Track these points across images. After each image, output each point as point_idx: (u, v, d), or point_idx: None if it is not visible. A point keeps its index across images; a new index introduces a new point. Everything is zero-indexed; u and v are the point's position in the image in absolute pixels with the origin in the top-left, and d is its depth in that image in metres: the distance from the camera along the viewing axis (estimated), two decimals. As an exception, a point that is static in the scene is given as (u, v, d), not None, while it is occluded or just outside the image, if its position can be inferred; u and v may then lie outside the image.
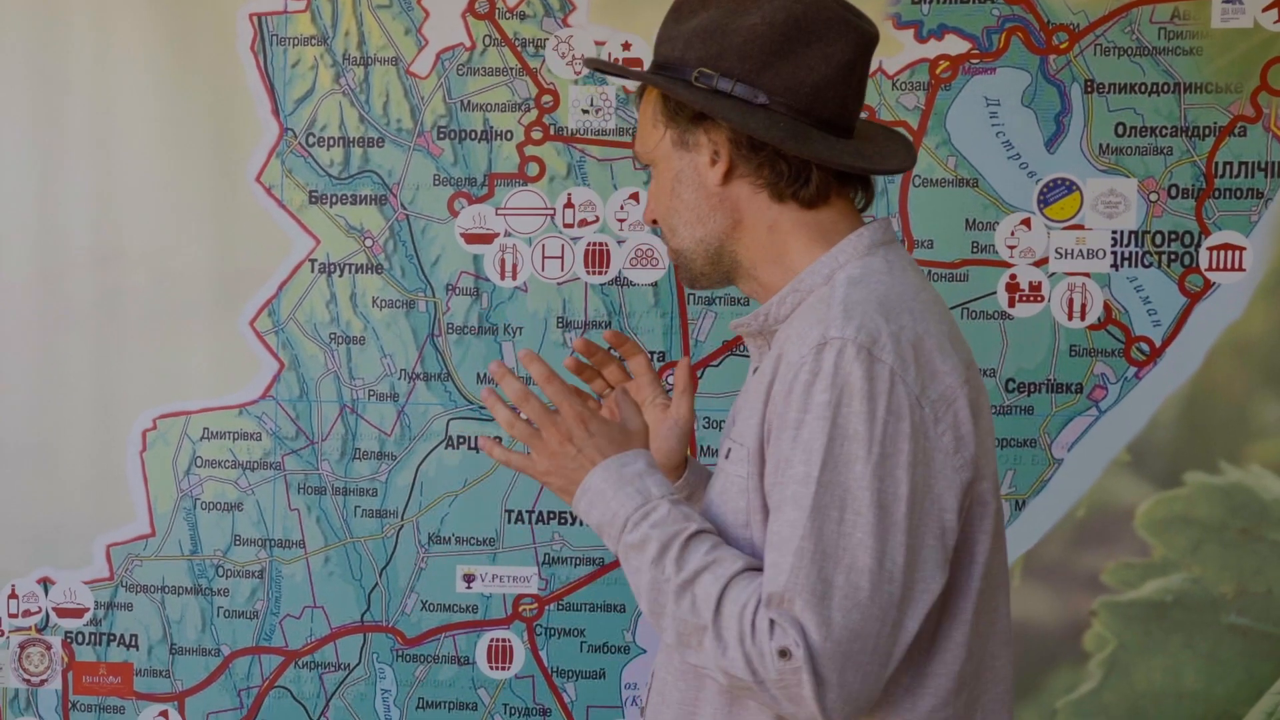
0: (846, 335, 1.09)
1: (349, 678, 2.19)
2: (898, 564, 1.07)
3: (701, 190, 1.21)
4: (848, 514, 1.07)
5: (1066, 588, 2.07)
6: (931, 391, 1.09)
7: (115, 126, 2.16)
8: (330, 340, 2.16)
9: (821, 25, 1.18)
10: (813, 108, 1.18)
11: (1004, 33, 2.02)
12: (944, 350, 1.12)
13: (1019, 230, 2.04)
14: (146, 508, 2.20)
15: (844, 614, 1.06)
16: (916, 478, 1.08)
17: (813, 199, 1.19)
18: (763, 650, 1.06)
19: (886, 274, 1.16)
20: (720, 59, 1.17)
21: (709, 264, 1.24)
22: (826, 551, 1.07)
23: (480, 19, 2.11)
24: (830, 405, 1.08)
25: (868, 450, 1.07)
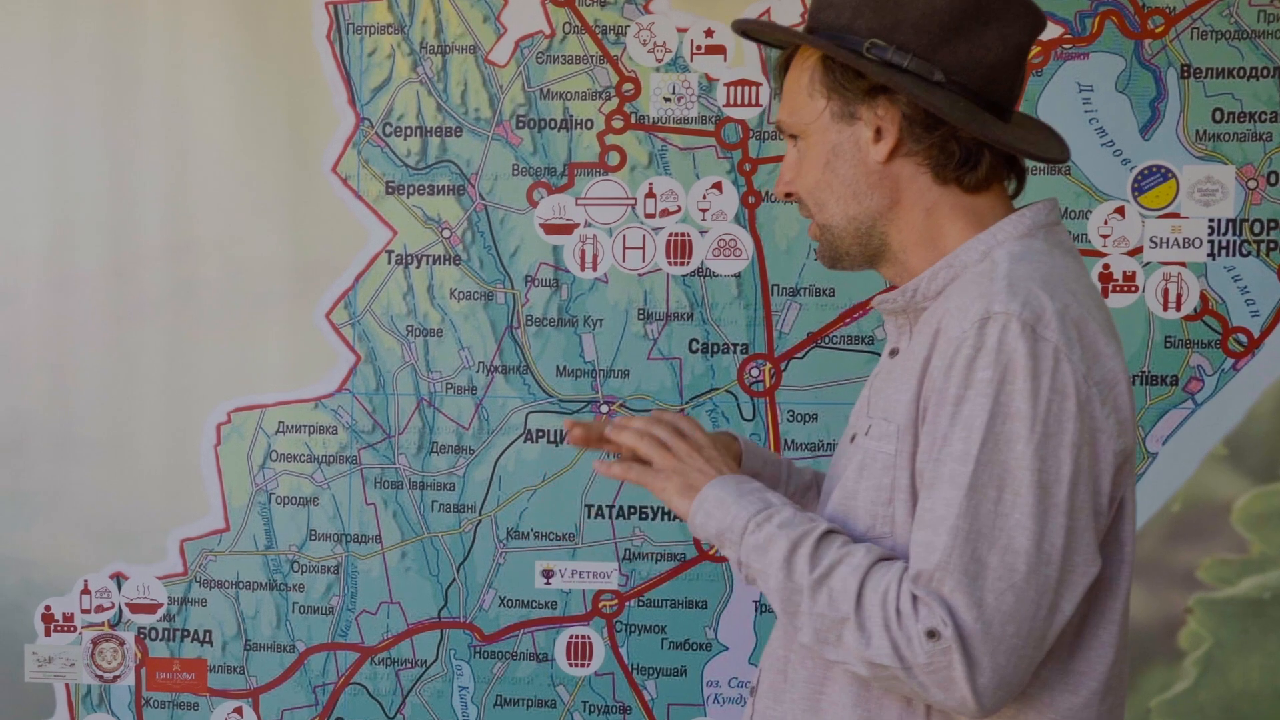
0: (1011, 310, 1.05)
1: (426, 674, 2.17)
2: (1056, 547, 1.04)
3: (861, 166, 1.17)
4: (1006, 494, 1.05)
5: (1161, 584, 2.03)
6: (1096, 372, 1.07)
7: (189, 117, 2.15)
8: (407, 333, 2.14)
9: (1001, 4, 1.14)
10: (985, 89, 1.14)
11: (1097, 17, 1.98)
12: (1106, 333, 1.09)
13: (1113, 219, 2.00)
14: (221, 502, 2.19)
15: (997, 595, 1.03)
16: (1081, 459, 1.05)
17: (978, 183, 1.16)
18: (909, 634, 1.04)
19: (1047, 255, 1.13)
20: (895, 31, 1.13)
21: (856, 243, 1.20)
22: (982, 531, 1.04)
23: (560, 6, 2.08)
24: (993, 382, 1.05)
25: (1030, 429, 1.04)
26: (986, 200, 1.17)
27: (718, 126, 2.06)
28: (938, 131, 1.14)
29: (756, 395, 2.09)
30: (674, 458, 1.20)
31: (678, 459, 1.20)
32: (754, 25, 1.26)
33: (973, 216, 1.17)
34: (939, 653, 1.03)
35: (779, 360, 2.08)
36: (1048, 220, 1.17)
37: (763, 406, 2.09)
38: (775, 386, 2.08)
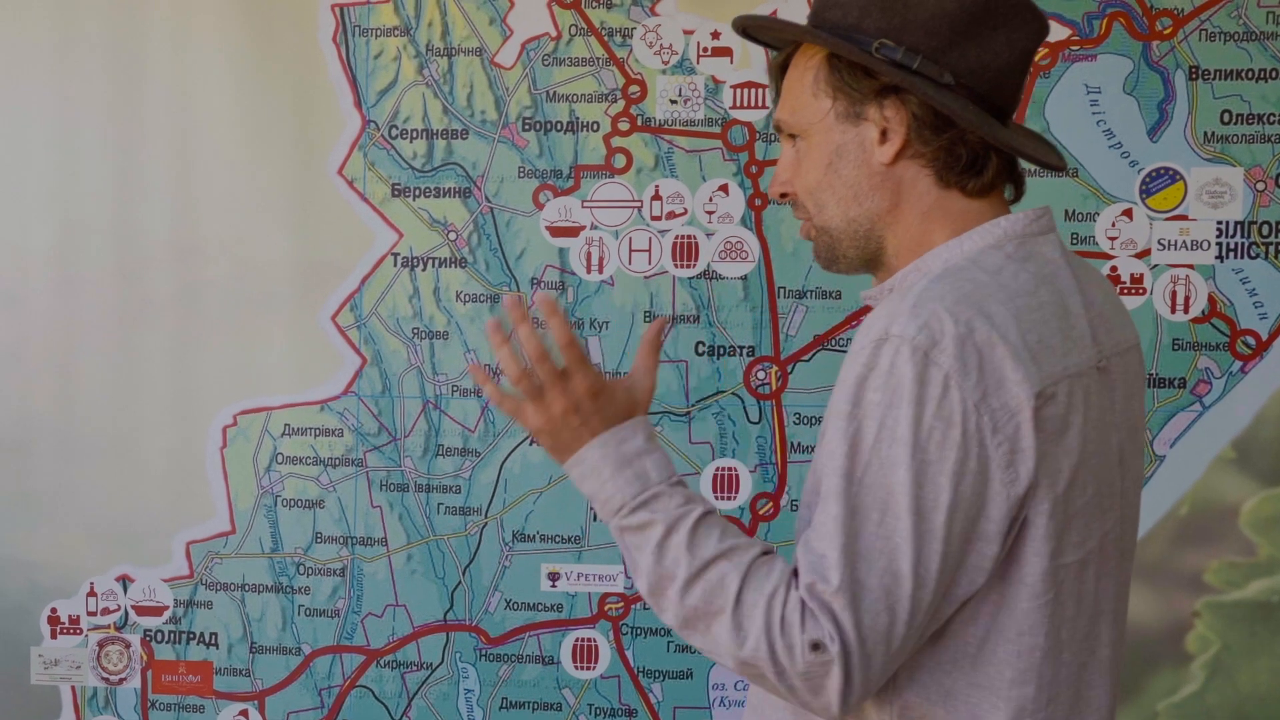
0: (906, 334, 1.04)
1: (431, 677, 2.16)
2: (931, 571, 1.04)
3: (865, 168, 1.15)
4: (888, 517, 1.05)
5: (1168, 588, 2.02)
6: (993, 400, 1.04)
7: (195, 119, 2.15)
8: (413, 335, 2.14)
9: (1009, 9, 1.13)
10: (992, 94, 1.13)
11: (1105, 18, 1.97)
12: (1019, 358, 1.05)
13: (1120, 221, 1.99)
14: (227, 505, 2.18)
15: (873, 615, 1.04)
16: (963, 487, 1.04)
17: (982, 188, 1.14)
18: (792, 642, 1.04)
19: (992, 269, 1.10)
20: (904, 31, 1.11)
21: (854, 246, 1.18)
22: (864, 553, 1.05)
23: (566, 8, 2.08)
24: (880, 405, 1.05)
25: (911, 455, 1.04)
26: (983, 206, 1.15)
27: (724, 129, 2.06)
28: (947, 134, 1.12)
29: (763, 398, 2.08)
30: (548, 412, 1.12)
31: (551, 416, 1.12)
32: (756, 22, 1.22)
33: (964, 223, 1.15)
34: (819, 664, 1.04)
35: (785, 363, 2.07)
36: (1026, 231, 1.14)
37: (769, 409, 2.08)
38: (782, 389, 2.08)
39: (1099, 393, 1.12)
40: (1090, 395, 1.10)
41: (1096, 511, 1.12)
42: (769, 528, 2.09)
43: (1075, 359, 1.10)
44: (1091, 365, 1.11)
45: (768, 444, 2.08)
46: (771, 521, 2.09)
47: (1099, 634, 1.14)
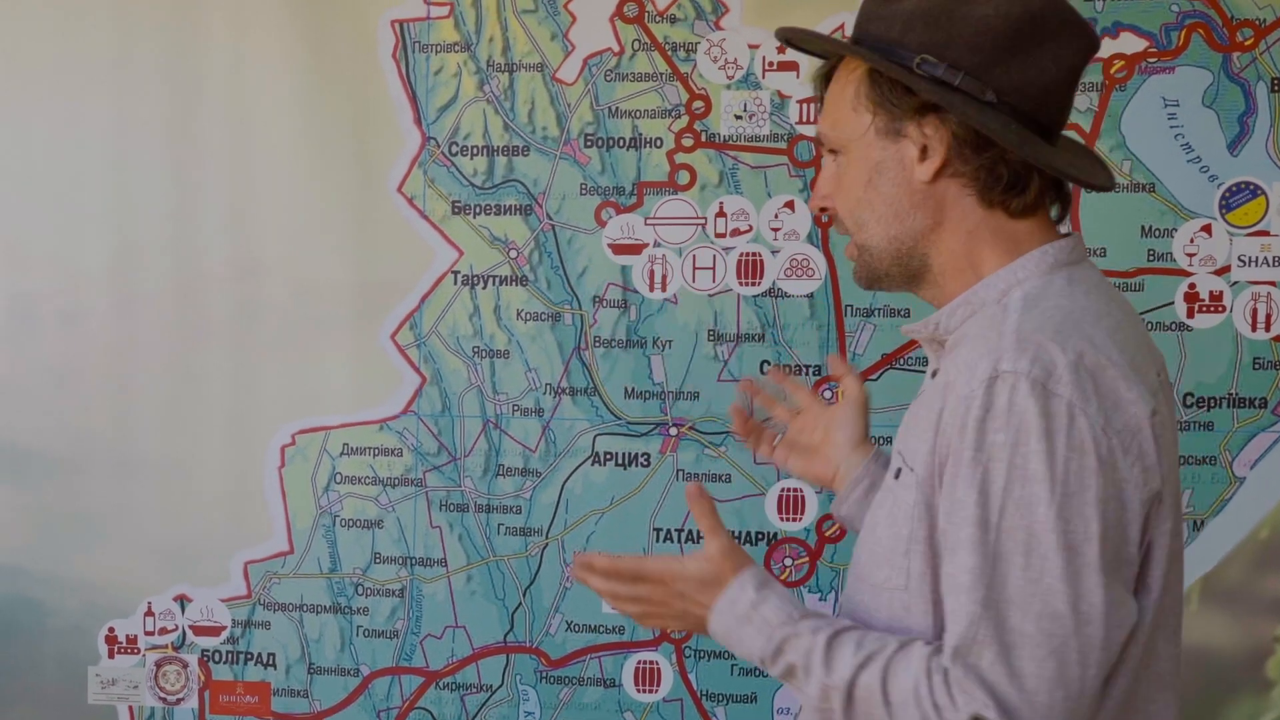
0: (1020, 369, 1.02)
1: (491, 699, 2.14)
2: (1095, 605, 1.01)
3: (905, 185, 1.13)
4: (1034, 558, 1.01)
5: (1248, 612, 1.97)
6: (1116, 421, 1.03)
7: (253, 137, 2.13)
8: (473, 354, 2.11)
9: (1057, 24, 1.10)
10: (1037, 111, 1.10)
11: (1183, 30, 1.93)
12: (1129, 378, 1.04)
13: (1199, 237, 1.94)
14: (285, 524, 2.17)
15: (1038, 664, 1.01)
16: (1108, 514, 1.02)
17: (1025, 208, 1.12)
18: (957, 715, 1.01)
19: (1067, 295, 1.09)
20: (947, 48, 1.09)
21: (896, 264, 1.16)
22: (1012, 600, 1.01)
23: (629, 23, 2.05)
24: (1007, 446, 1.02)
25: (1050, 491, 1.01)
26: (1029, 226, 1.13)
27: (790, 144, 2.02)
28: (987, 153, 1.10)
29: (829, 418, 2.04)
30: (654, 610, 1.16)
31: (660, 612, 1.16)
32: (799, 34, 1.21)
33: (1011, 243, 1.13)
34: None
35: (853, 382, 2.04)
36: (1070, 259, 1.13)
37: (836, 429, 2.04)
38: (849, 409, 2.04)
39: (1166, 402, 1.12)
40: (1165, 406, 1.10)
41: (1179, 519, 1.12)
42: (835, 549, 2.05)
43: (1154, 373, 1.10)
44: (1162, 376, 1.13)
45: (834, 464, 2.04)
46: (837, 543, 2.05)
47: (1155, 648, 1.12)
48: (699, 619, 1.15)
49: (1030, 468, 1.01)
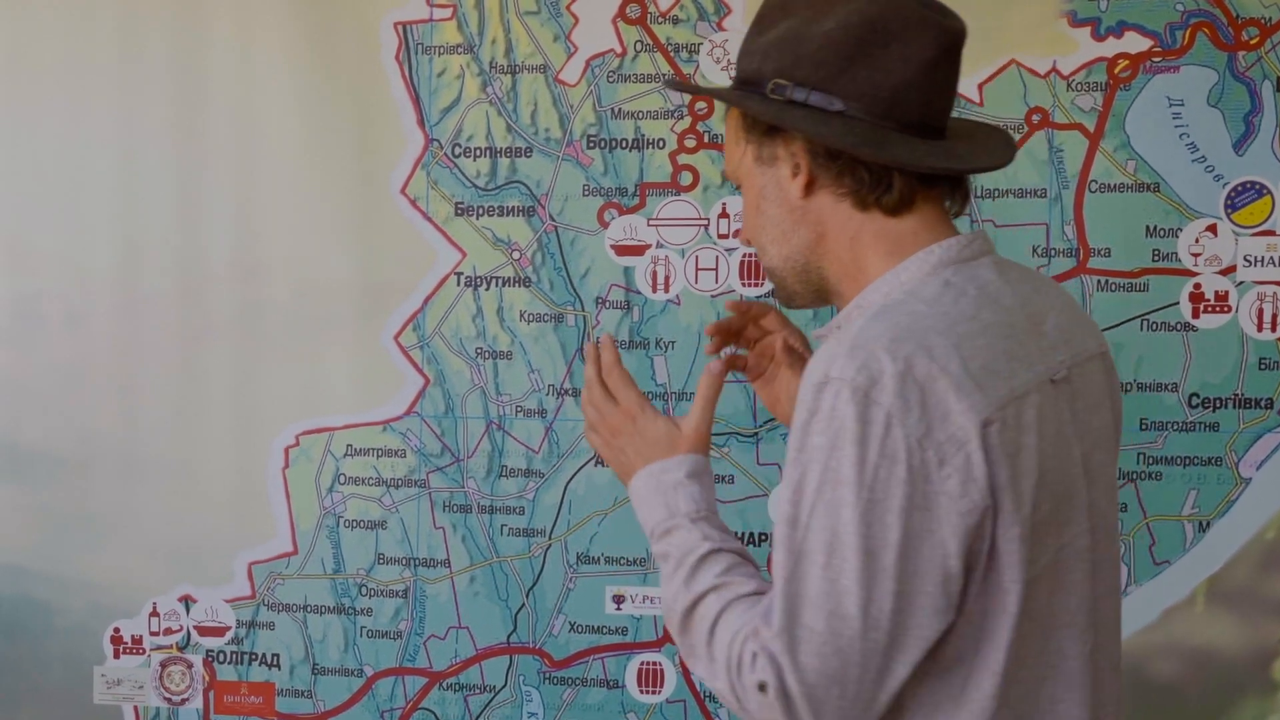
0: (845, 376, 1.06)
1: (494, 700, 2.14)
2: (884, 611, 1.05)
3: (784, 205, 1.18)
4: (834, 559, 1.05)
5: (1254, 614, 1.96)
6: (939, 433, 1.05)
7: (257, 138, 2.14)
8: (476, 355, 2.12)
9: (899, 25, 1.14)
10: (894, 111, 1.14)
11: (1188, 29, 1.92)
12: (962, 389, 1.06)
13: (1204, 237, 1.93)
14: (289, 525, 2.17)
15: (821, 659, 1.05)
16: (912, 523, 1.05)
17: (896, 205, 1.16)
18: (745, 683, 1.08)
19: (930, 300, 1.11)
20: (796, 68, 1.15)
21: (799, 281, 1.21)
22: (808, 595, 1.06)
23: (631, 24, 2.05)
24: (824, 449, 1.06)
25: (856, 495, 1.05)
26: (911, 223, 1.16)
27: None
28: (841, 160, 1.14)
29: (832, 419, 2.04)
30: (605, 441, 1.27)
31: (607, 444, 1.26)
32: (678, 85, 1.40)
33: (894, 242, 1.16)
34: (766, 705, 1.07)
35: (856, 383, 2.03)
36: (961, 256, 1.15)
37: (839, 430, 2.04)
38: (852, 410, 2.03)
39: (1053, 406, 1.12)
40: (1043, 411, 1.11)
41: (1051, 527, 1.12)
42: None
43: (1022, 379, 1.10)
44: (1044, 380, 1.12)
45: (837, 465, 2.04)
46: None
47: (1060, 648, 1.14)
48: (628, 468, 1.23)
49: (842, 472, 1.05)
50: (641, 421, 1.23)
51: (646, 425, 1.23)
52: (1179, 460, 1.96)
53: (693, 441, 1.22)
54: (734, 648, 1.08)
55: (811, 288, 1.21)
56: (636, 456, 1.23)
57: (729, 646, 1.09)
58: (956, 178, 1.18)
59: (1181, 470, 1.96)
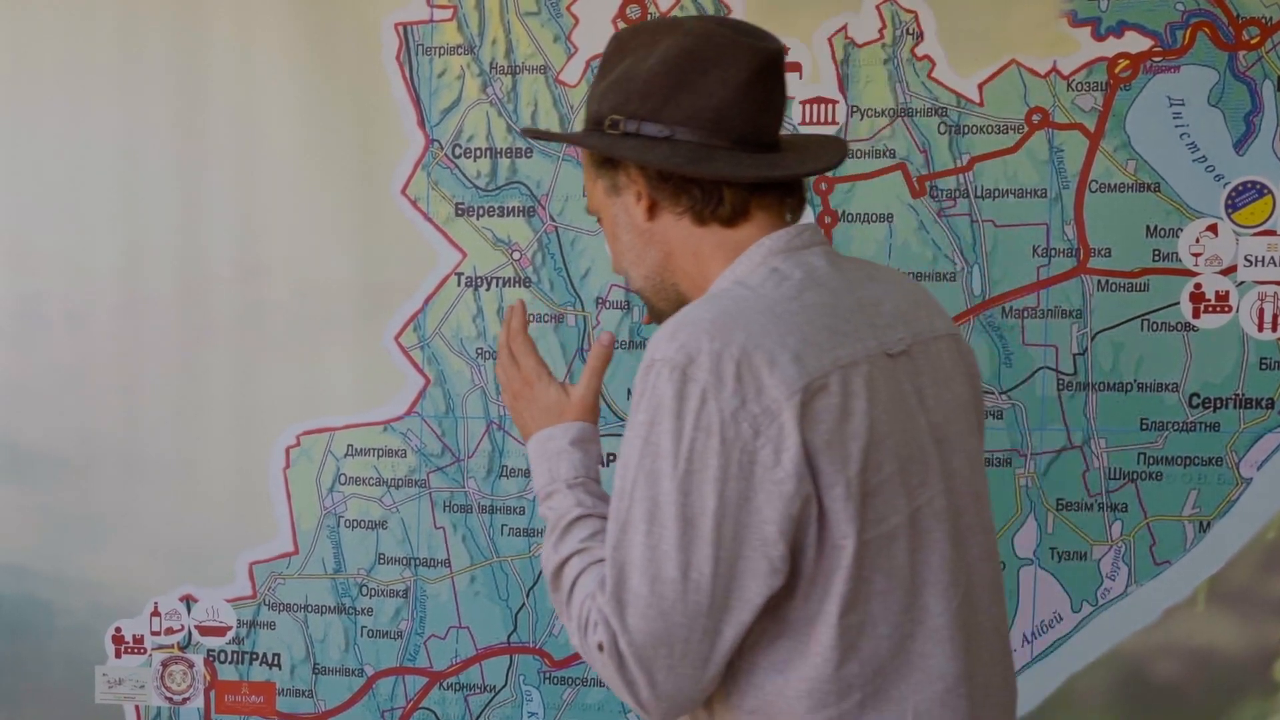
0: (665, 356, 1.15)
1: (495, 700, 2.14)
2: (704, 574, 1.12)
3: (634, 230, 1.29)
4: (654, 526, 1.13)
5: (1255, 614, 1.95)
6: (753, 406, 1.13)
7: (257, 138, 2.14)
8: (477, 355, 2.12)
9: (715, 53, 1.23)
10: (719, 130, 1.23)
11: (1189, 28, 1.92)
12: (776, 363, 1.13)
13: (1205, 237, 1.93)
14: (290, 525, 2.17)
15: (647, 621, 1.13)
16: (728, 491, 1.12)
17: (731, 216, 1.25)
18: (590, 643, 1.17)
19: (756, 286, 1.20)
20: (627, 103, 1.25)
21: (660, 299, 1.31)
22: (634, 562, 1.14)
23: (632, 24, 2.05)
24: (645, 424, 1.14)
25: (673, 466, 1.13)
26: (747, 231, 1.25)
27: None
28: (672, 181, 1.24)
29: (833, 419, 2.04)
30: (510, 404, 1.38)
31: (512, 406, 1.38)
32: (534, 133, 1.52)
33: (733, 250, 1.25)
34: (605, 663, 1.15)
35: (856, 383, 2.03)
36: (790, 245, 1.24)
37: (839, 430, 2.04)
38: (852, 410, 2.03)
39: (889, 377, 1.20)
40: (875, 380, 1.18)
41: (900, 488, 1.18)
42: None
43: (848, 350, 1.18)
44: (876, 353, 1.19)
45: (837, 466, 2.04)
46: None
47: (925, 605, 1.20)
48: (526, 432, 1.35)
49: (661, 445, 1.13)
50: (538, 388, 1.34)
51: (541, 392, 1.34)
52: (1179, 460, 1.95)
53: (579, 409, 1.32)
54: (584, 609, 1.17)
55: (672, 304, 1.29)
56: (531, 421, 1.33)
57: (581, 606, 1.18)
58: (790, 185, 1.27)
59: (1182, 470, 1.96)
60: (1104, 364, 1.97)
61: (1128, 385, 1.96)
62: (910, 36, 1.98)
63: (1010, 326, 1.98)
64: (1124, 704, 1.99)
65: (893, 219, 2.00)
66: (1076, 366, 1.97)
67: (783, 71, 1.27)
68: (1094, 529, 1.99)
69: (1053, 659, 2.00)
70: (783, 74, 1.27)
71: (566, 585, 1.20)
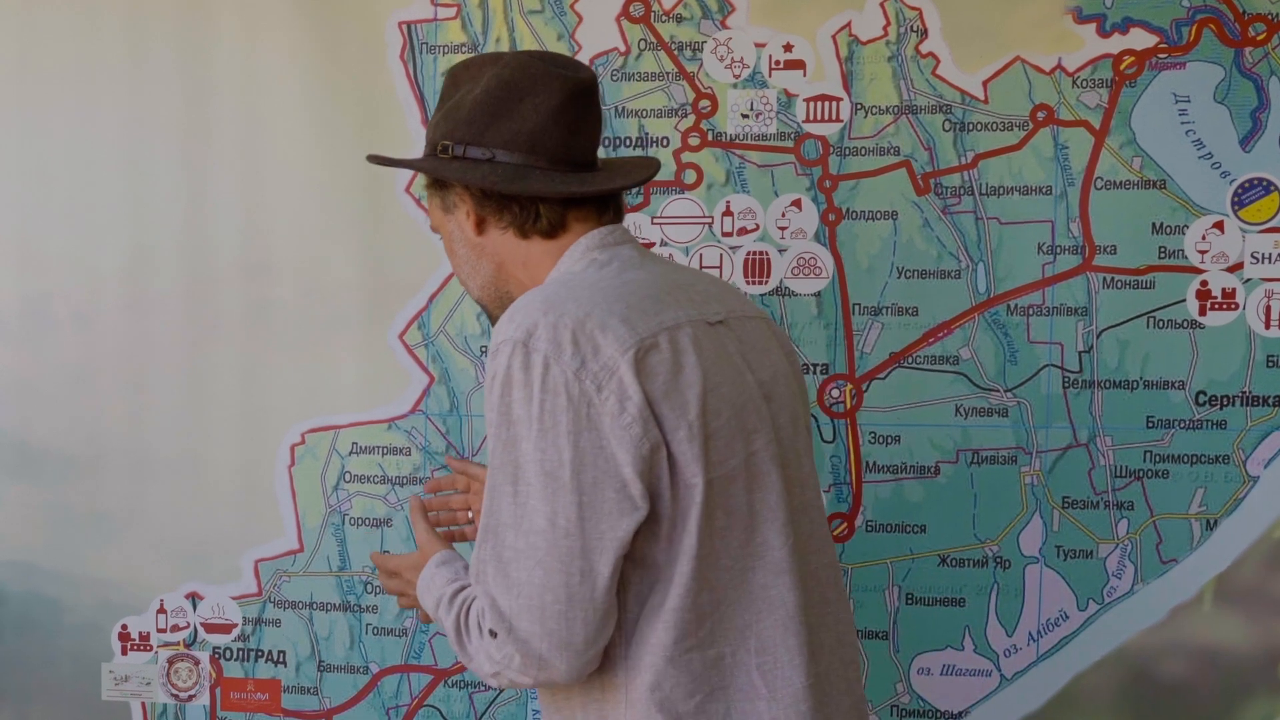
0: (507, 336, 1.25)
1: (499, 697, 2.14)
2: (571, 519, 1.21)
3: (467, 244, 1.40)
4: (520, 486, 1.23)
5: (1262, 612, 1.95)
6: (592, 365, 1.23)
7: (263, 137, 2.14)
8: (481, 353, 2.12)
9: (529, 82, 1.35)
10: (534, 151, 1.35)
11: (1194, 25, 1.91)
12: (607, 327, 1.24)
13: (1211, 234, 1.92)
14: (295, 523, 2.18)
15: (527, 573, 1.21)
16: (582, 442, 1.21)
17: (550, 229, 1.36)
18: (485, 642, 1.24)
19: (579, 273, 1.33)
20: (455, 130, 1.38)
21: (498, 307, 1.41)
22: (506, 523, 1.23)
23: (635, 23, 2.05)
24: (501, 398, 1.24)
25: (529, 428, 1.22)
26: (568, 239, 1.36)
27: (797, 143, 2.01)
28: (493, 198, 1.36)
29: (837, 417, 2.04)
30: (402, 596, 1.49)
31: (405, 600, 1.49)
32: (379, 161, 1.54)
33: (557, 256, 1.37)
34: (500, 645, 1.22)
35: (860, 381, 2.03)
36: (604, 242, 1.35)
37: (843, 428, 2.04)
38: (856, 408, 2.03)
39: (713, 339, 1.31)
40: (700, 340, 1.29)
41: (738, 433, 1.29)
42: (844, 549, 2.04)
43: (670, 316, 1.28)
44: (697, 320, 1.30)
45: (842, 463, 2.04)
46: (846, 542, 2.04)
47: (765, 540, 1.30)
48: (415, 599, 1.42)
49: (515, 412, 1.23)
50: (405, 572, 1.45)
51: (399, 563, 1.47)
52: (1186, 458, 1.95)
53: (427, 550, 1.42)
54: (473, 625, 1.26)
55: None
56: (412, 588, 1.43)
57: (473, 626, 1.26)
58: (604, 200, 1.38)
59: (1189, 468, 1.95)
60: (1110, 361, 1.96)
61: (1134, 383, 1.96)
62: (914, 33, 1.97)
63: (1015, 324, 1.98)
64: (1130, 703, 1.99)
65: (897, 216, 2.00)
66: (1082, 364, 1.97)
67: (594, 98, 1.39)
68: (1100, 527, 1.98)
69: (1059, 657, 2.00)
70: (595, 100, 1.39)
71: (461, 628, 1.28)
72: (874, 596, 2.04)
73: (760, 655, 1.28)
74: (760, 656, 1.28)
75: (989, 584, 2.01)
